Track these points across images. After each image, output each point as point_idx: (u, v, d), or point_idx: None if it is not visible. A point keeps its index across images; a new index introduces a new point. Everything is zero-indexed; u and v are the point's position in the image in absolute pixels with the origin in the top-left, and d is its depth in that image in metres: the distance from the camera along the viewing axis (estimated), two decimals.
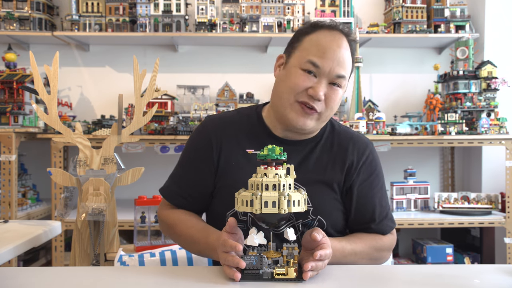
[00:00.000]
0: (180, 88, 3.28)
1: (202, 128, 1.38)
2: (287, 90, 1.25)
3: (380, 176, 1.37)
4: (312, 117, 1.25)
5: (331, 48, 1.23)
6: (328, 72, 1.22)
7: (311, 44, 1.25)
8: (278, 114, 1.30)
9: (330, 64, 1.22)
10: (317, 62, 1.22)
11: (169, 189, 1.39)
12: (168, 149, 2.83)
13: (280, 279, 1.01)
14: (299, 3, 3.24)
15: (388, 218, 1.36)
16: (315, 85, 1.22)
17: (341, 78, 1.24)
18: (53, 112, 1.47)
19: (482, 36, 3.29)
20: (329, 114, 1.27)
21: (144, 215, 1.86)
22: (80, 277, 1.12)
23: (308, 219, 1.28)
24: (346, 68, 1.25)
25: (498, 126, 2.91)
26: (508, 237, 2.87)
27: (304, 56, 1.24)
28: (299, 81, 1.23)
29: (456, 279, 1.06)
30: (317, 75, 1.23)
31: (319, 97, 1.21)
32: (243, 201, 1.02)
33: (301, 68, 1.24)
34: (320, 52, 1.22)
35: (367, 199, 1.33)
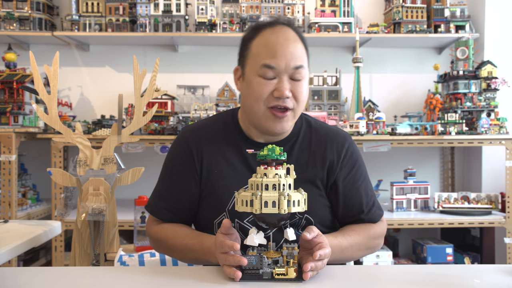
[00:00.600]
0: (180, 88, 3.28)
1: (180, 140, 1.37)
2: (255, 101, 1.24)
3: (361, 167, 1.37)
4: (287, 118, 1.25)
5: (279, 44, 1.22)
6: (284, 68, 1.22)
7: (259, 48, 1.24)
8: (254, 124, 1.30)
9: (284, 60, 1.21)
10: (271, 64, 1.21)
11: (155, 205, 1.36)
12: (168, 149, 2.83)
13: (280, 279, 1.01)
14: (299, 3, 3.24)
15: (375, 206, 1.37)
16: (277, 85, 1.22)
17: (299, 69, 1.23)
18: (53, 112, 1.47)
19: (482, 36, 3.29)
20: (301, 107, 1.28)
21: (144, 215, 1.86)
22: (80, 277, 1.12)
23: (296, 218, 1.28)
24: (300, 57, 1.24)
25: (498, 126, 2.91)
26: (508, 237, 2.87)
27: (257, 62, 1.23)
28: (261, 88, 1.23)
29: (456, 279, 1.06)
30: (276, 76, 1.23)
31: (286, 95, 1.21)
32: (243, 201, 1.02)
33: (259, 75, 1.23)
34: (270, 53, 1.22)
35: (353, 192, 1.33)
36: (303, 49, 1.27)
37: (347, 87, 3.37)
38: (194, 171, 1.31)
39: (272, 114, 1.24)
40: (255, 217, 1.04)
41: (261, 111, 1.24)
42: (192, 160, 1.32)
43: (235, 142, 1.33)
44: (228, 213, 1.27)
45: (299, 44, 1.26)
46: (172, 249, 1.30)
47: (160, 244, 1.34)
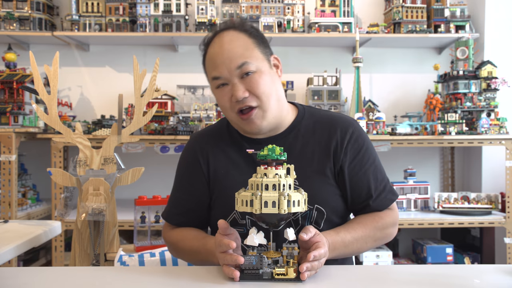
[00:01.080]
0: (180, 88, 3.28)
1: (187, 147, 1.42)
2: (224, 111, 1.30)
3: (369, 151, 1.33)
4: (256, 116, 1.25)
5: (216, 54, 1.25)
6: (229, 73, 1.24)
7: (207, 64, 1.30)
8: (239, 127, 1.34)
9: (224, 67, 1.24)
10: (215, 75, 1.26)
11: (169, 212, 1.41)
12: (168, 149, 2.83)
13: (280, 279, 1.01)
14: (299, 3, 3.24)
15: (386, 190, 1.32)
16: (231, 91, 1.25)
17: (244, 66, 1.23)
18: (53, 112, 1.47)
19: (482, 36, 3.29)
20: (267, 101, 1.25)
21: (144, 215, 1.86)
22: (80, 277, 1.12)
23: (306, 210, 1.26)
24: (241, 54, 1.24)
25: (498, 126, 2.91)
26: (508, 237, 2.87)
27: (209, 77, 1.30)
28: (222, 99, 1.27)
29: (456, 279, 1.06)
30: (227, 82, 1.25)
31: (240, 96, 1.22)
32: (243, 201, 1.02)
33: (215, 87, 1.29)
34: (213, 65, 1.26)
35: (359, 177, 1.30)
36: (245, 43, 1.26)
37: (347, 87, 3.37)
38: (202, 176, 1.34)
39: (240, 118, 1.26)
40: (255, 217, 1.04)
41: (234, 118, 1.29)
42: (199, 164, 1.35)
43: (238, 142, 1.35)
44: (238, 212, 1.27)
45: (238, 42, 1.25)
46: (182, 252, 1.33)
47: (172, 248, 1.38)
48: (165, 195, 1.91)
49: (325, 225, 1.29)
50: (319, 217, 1.28)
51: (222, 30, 1.29)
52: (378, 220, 1.29)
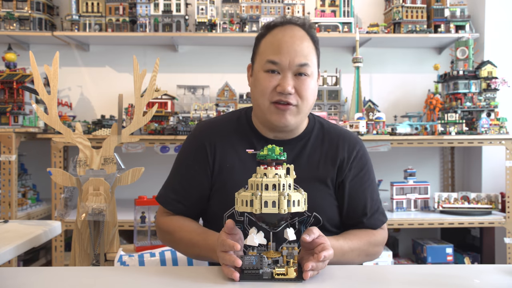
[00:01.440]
0: (180, 88, 3.28)
1: (194, 134, 1.41)
2: (260, 95, 1.29)
3: (370, 171, 1.39)
4: (290, 112, 1.27)
5: (284, 41, 1.26)
6: (288, 65, 1.25)
7: (266, 46, 1.29)
8: (260, 118, 1.35)
9: (287, 57, 1.25)
10: (274, 59, 1.26)
11: (166, 196, 1.40)
12: (168, 149, 2.83)
13: (280, 279, 1.01)
14: (299, 3, 3.24)
15: (379, 212, 1.38)
16: (280, 81, 1.26)
17: (304, 67, 1.26)
18: (53, 112, 1.47)
19: (482, 36, 3.29)
20: (306, 104, 1.29)
21: (144, 215, 1.86)
22: (80, 277, 1.12)
23: (304, 216, 1.30)
24: (306, 55, 1.27)
25: (498, 126, 2.91)
26: (508, 237, 2.86)
27: (263, 58, 1.28)
28: (265, 83, 1.27)
29: (456, 279, 1.06)
30: (280, 71, 1.27)
31: (288, 91, 1.24)
32: (243, 201, 1.02)
33: (264, 70, 1.28)
34: (275, 49, 1.26)
35: (359, 194, 1.35)
36: (311, 47, 1.29)
37: (347, 87, 3.37)
38: (207, 165, 1.34)
39: (275, 108, 1.27)
40: (255, 217, 1.04)
41: (266, 106, 1.28)
42: (206, 154, 1.35)
43: (248, 138, 1.36)
44: None
45: (306, 43, 1.28)
46: (178, 242, 1.32)
47: (166, 237, 1.36)
48: None
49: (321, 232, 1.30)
50: (315, 224, 1.30)
51: (293, 23, 1.31)
52: (371, 236, 1.34)
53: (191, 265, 1.47)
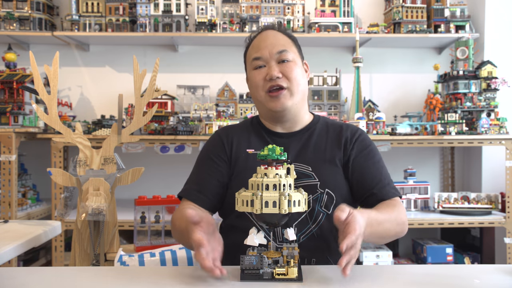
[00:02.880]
0: (180, 88, 3.28)
1: (213, 135, 1.56)
2: (255, 90, 1.45)
3: (375, 151, 1.46)
4: (283, 96, 1.40)
5: (262, 40, 1.45)
6: (269, 55, 1.42)
7: (250, 51, 1.49)
8: (262, 112, 1.50)
9: (266, 50, 1.42)
10: (256, 55, 1.43)
11: (188, 189, 1.44)
12: (168, 149, 2.83)
13: (280, 279, 1.01)
14: (299, 3, 3.24)
15: (390, 186, 1.40)
16: (267, 70, 1.41)
17: (284, 53, 1.42)
18: (53, 112, 1.47)
19: (482, 36, 3.29)
20: (296, 85, 1.41)
21: (144, 215, 1.86)
22: (80, 277, 1.12)
23: (317, 193, 1.36)
24: (282, 44, 1.43)
25: (498, 126, 2.91)
26: (508, 237, 2.87)
27: (250, 60, 1.47)
28: (256, 77, 1.43)
29: (456, 279, 1.06)
30: (265, 64, 1.43)
31: (275, 75, 1.39)
32: (244, 201, 1.02)
33: (253, 68, 1.45)
34: (256, 48, 1.45)
35: (365, 168, 1.41)
36: (286, 40, 1.46)
37: (347, 87, 3.37)
38: (224, 154, 1.46)
39: (269, 96, 1.41)
40: (255, 217, 1.04)
41: (262, 97, 1.43)
42: (223, 146, 1.47)
43: (260, 133, 1.49)
44: None
45: (281, 36, 1.46)
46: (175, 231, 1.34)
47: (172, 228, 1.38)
48: (165, 195, 1.91)
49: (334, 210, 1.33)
50: (329, 201, 1.36)
51: (268, 29, 1.50)
52: (394, 208, 1.34)
53: (191, 265, 1.47)
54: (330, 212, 1.36)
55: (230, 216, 1.41)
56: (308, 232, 1.35)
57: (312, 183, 1.37)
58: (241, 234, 1.14)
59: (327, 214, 1.36)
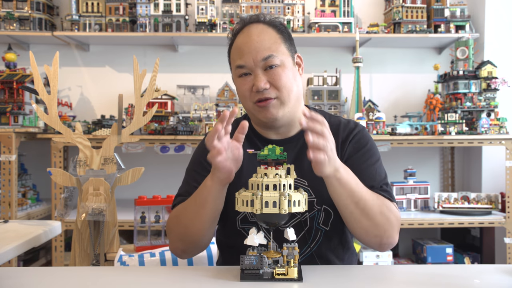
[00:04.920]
0: (180, 88, 3.28)
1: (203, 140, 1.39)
2: (243, 100, 1.33)
3: (371, 153, 1.34)
4: (272, 106, 1.28)
5: (244, 43, 1.29)
6: (253, 63, 1.27)
7: (233, 53, 1.34)
8: (254, 120, 1.38)
9: (250, 56, 1.27)
10: (240, 63, 1.29)
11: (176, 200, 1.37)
12: (168, 149, 2.83)
13: (281, 279, 1.01)
14: (299, 3, 3.24)
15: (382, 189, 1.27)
16: (253, 81, 1.28)
17: (270, 58, 1.27)
18: (53, 112, 1.47)
19: (482, 36, 3.29)
20: (287, 93, 1.28)
21: (144, 215, 1.86)
22: (80, 277, 1.12)
23: (314, 210, 1.30)
24: (268, 47, 1.27)
25: (498, 126, 2.91)
26: (508, 237, 2.87)
27: (233, 66, 1.33)
28: (241, 87, 1.31)
29: (456, 279, 1.06)
30: (251, 72, 1.29)
31: (261, 87, 1.26)
32: (244, 201, 1.02)
33: (237, 76, 1.32)
34: (239, 54, 1.30)
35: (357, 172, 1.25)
36: (273, 37, 1.30)
37: (347, 87, 3.37)
38: None
39: (258, 107, 1.29)
40: (255, 217, 1.04)
41: (251, 107, 1.32)
42: None
43: (252, 141, 1.38)
44: None
45: (266, 36, 1.29)
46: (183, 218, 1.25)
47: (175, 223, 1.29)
48: (165, 195, 1.91)
49: (332, 226, 1.31)
50: (327, 218, 1.30)
51: (251, 22, 1.33)
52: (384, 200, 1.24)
53: (191, 265, 1.47)
54: (328, 228, 1.31)
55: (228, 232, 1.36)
56: (307, 252, 1.30)
57: (309, 200, 1.28)
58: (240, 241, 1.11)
59: (325, 230, 1.31)
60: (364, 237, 1.20)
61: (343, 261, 1.36)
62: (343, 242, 1.36)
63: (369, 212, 1.16)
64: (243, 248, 1.07)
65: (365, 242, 1.23)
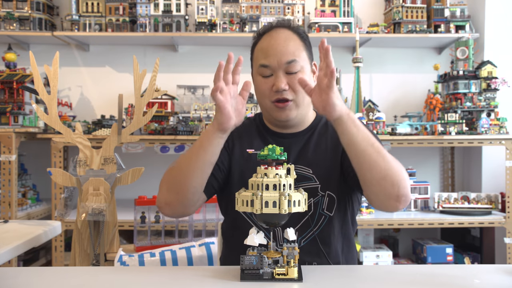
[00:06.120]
0: (180, 88, 3.28)
1: None
2: (261, 97, 1.41)
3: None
4: (289, 107, 1.37)
5: (270, 45, 1.38)
6: (277, 65, 1.36)
7: (258, 52, 1.42)
8: (267, 117, 1.48)
9: (275, 58, 1.36)
10: (264, 63, 1.37)
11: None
12: (168, 149, 2.83)
13: (281, 279, 1.01)
14: (299, 3, 3.24)
15: None
16: (274, 81, 1.36)
17: (293, 63, 1.35)
18: (53, 112, 1.47)
19: (482, 36, 3.29)
20: (302, 97, 1.37)
21: (144, 215, 1.86)
22: (80, 277, 1.12)
23: (318, 196, 1.36)
24: (292, 52, 1.36)
25: (498, 126, 2.91)
26: (508, 237, 2.87)
27: (256, 64, 1.41)
28: (262, 86, 1.39)
29: (456, 279, 1.06)
30: (273, 73, 1.37)
31: (281, 88, 1.34)
32: (243, 201, 1.02)
33: (259, 74, 1.40)
34: (264, 54, 1.38)
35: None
36: (297, 44, 1.39)
37: (347, 87, 3.37)
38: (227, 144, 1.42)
39: (275, 107, 1.38)
40: (255, 217, 1.05)
41: (268, 105, 1.40)
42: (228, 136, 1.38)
43: (262, 134, 1.48)
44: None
45: (292, 42, 1.38)
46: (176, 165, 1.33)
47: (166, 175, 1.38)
48: None
49: (336, 212, 1.36)
50: (331, 203, 1.36)
51: (278, 26, 1.42)
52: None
53: (191, 265, 1.47)
54: (332, 214, 1.36)
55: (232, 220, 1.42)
56: (310, 235, 1.35)
57: (313, 186, 1.36)
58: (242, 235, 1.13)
59: (329, 216, 1.36)
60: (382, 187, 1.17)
61: (343, 251, 1.40)
62: (344, 231, 1.41)
63: (385, 155, 1.18)
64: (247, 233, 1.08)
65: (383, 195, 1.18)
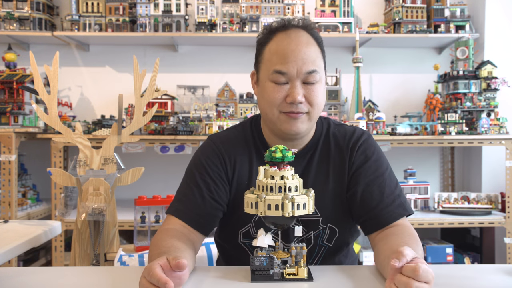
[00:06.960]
0: (180, 88, 3.28)
1: (210, 145, 1.32)
2: (269, 106, 1.23)
3: (378, 163, 1.28)
4: (301, 120, 1.22)
5: (290, 50, 1.20)
6: (296, 74, 1.20)
7: (271, 54, 1.23)
8: (271, 128, 1.29)
9: (295, 66, 1.19)
10: (282, 70, 1.20)
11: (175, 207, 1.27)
12: (168, 149, 2.83)
13: (291, 279, 1.01)
14: (299, 3, 3.24)
15: (395, 205, 1.23)
16: (289, 91, 1.20)
17: (313, 74, 1.20)
18: (53, 112, 1.47)
19: (482, 36, 3.30)
20: (317, 110, 1.24)
21: (144, 215, 1.86)
22: (80, 277, 1.11)
23: (319, 229, 1.28)
24: (313, 60, 1.21)
25: (498, 126, 2.91)
26: (508, 237, 2.86)
27: (269, 68, 1.22)
28: (273, 94, 1.21)
29: (456, 279, 1.06)
30: (288, 81, 1.21)
31: (298, 101, 1.19)
32: (248, 203, 1.02)
33: (271, 80, 1.22)
34: (281, 59, 1.20)
35: (366, 184, 1.24)
36: (317, 51, 1.24)
37: (347, 87, 3.37)
38: (226, 177, 1.28)
39: (286, 117, 1.22)
40: (263, 219, 1.04)
41: (275, 116, 1.23)
42: (225, 166, 1.28)
43: (259, 152, 1.31)
44: (254, 224, 1.27)
45: (312, 48, 1.23)
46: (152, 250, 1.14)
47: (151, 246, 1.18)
48: (165, 195, 1.91)
49: (336, 243, 1.30)
50: (332, 235, 1.29)
51: (297, 26, 1.25)
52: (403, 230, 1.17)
53: None
54: (331, 245, 1.29)
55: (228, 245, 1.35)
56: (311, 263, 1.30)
57: (314, 219, 1.26)
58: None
59: (328, 247, 1.30)
60: None
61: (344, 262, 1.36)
62: (345, 253, 1.37)
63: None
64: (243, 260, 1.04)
65: None
